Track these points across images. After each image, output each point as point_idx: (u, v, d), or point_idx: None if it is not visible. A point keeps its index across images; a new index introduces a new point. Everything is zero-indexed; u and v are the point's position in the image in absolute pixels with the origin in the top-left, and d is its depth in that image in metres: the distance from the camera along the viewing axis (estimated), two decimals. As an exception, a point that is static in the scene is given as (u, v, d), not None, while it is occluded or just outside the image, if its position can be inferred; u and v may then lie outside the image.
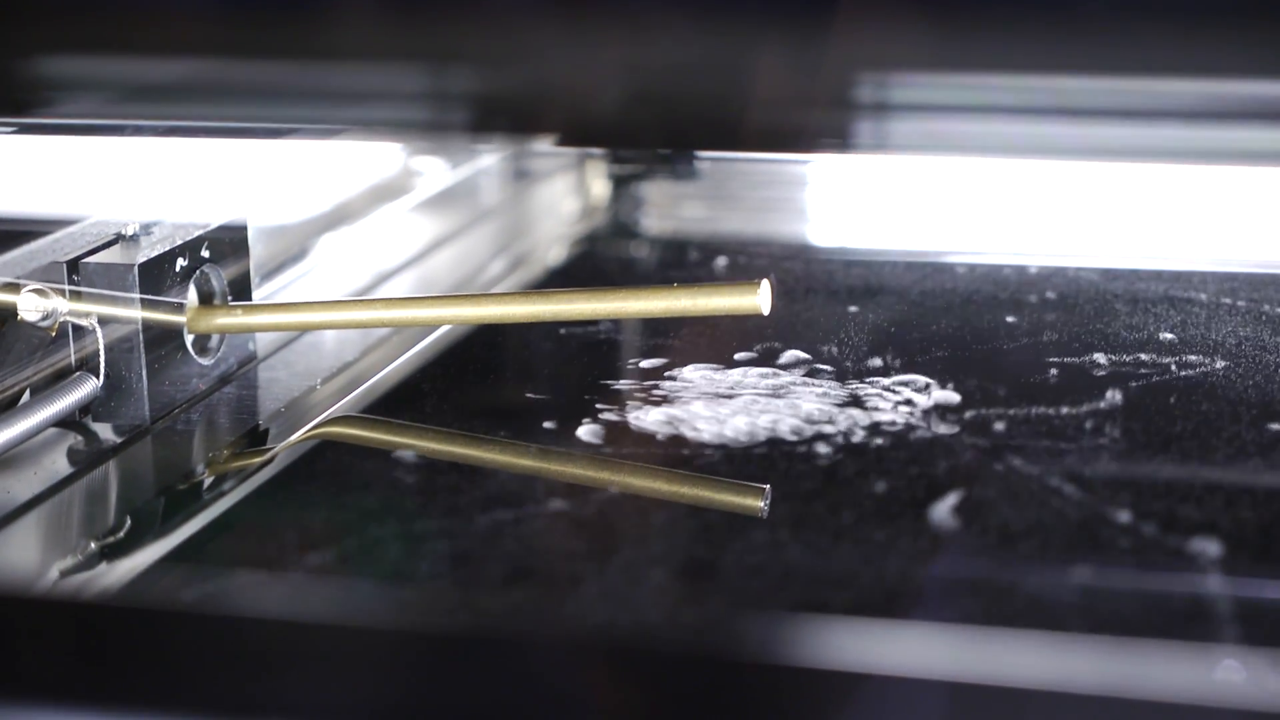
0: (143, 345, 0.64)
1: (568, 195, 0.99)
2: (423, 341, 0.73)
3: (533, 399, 0.68)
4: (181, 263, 0.66)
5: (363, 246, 0.86)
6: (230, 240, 0.69)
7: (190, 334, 0.66)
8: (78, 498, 0.61)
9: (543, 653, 0.49)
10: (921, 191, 0.96)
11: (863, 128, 0.62)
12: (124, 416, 0.64)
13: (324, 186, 0.86)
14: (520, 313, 0.66)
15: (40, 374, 0.64)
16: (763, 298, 0.63)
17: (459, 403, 0.68)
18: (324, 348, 0.72)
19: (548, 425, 0.65)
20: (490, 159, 0.96)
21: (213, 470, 0.63)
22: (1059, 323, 0.75)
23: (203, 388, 0.67)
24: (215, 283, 0.68)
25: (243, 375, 0.69)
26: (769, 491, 0.58)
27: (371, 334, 0.73)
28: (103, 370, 0.64)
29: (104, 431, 0.64)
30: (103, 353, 0.63)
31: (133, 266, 0.63)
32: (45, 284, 0.63)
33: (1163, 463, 0.60)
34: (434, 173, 0.93)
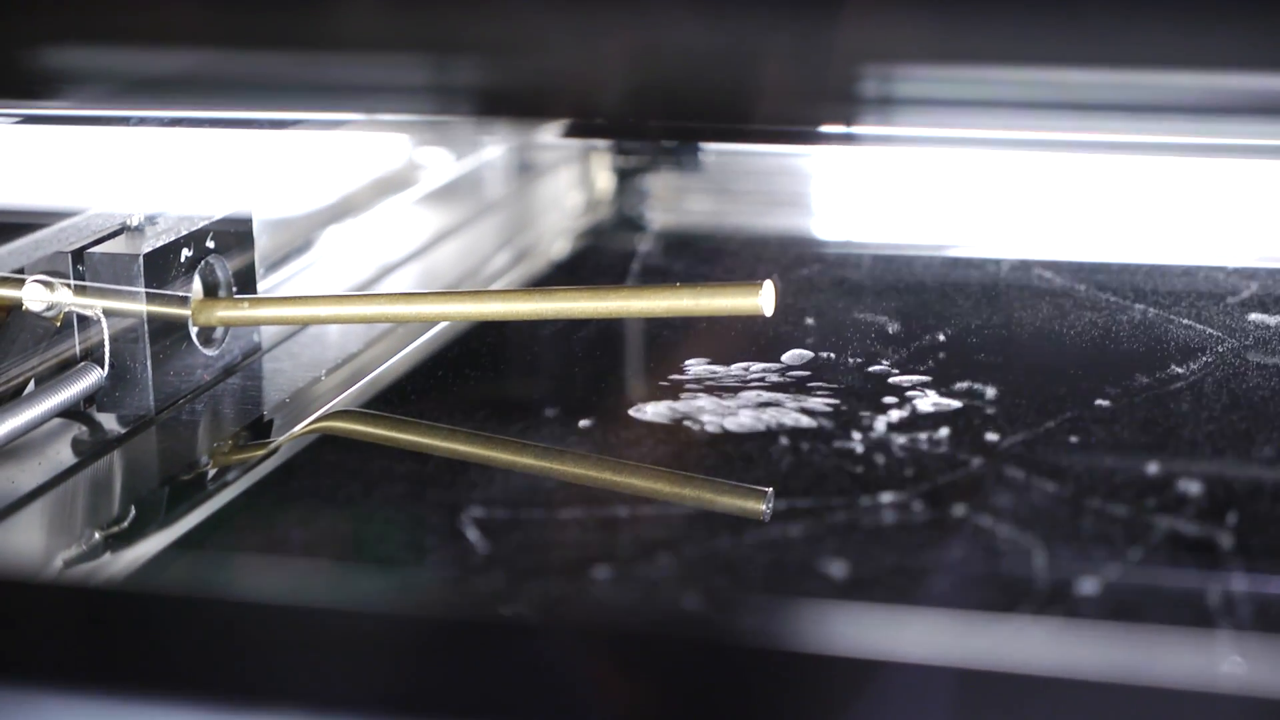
0: (148, 336, 0.64)
1: (572, 188, 0.99)
2: (427, 334, 0.73)
3: (535, 394, 0.69)
4: (186, 253, 0.66)
5: (367, 239, 0.86)
6: (235, 231, 0.69)
7: (195, 326, 0.67)
8: (82, 487, 0.61)
9: (546, 640, 0.49)
10: (926, 184, 0.96)
11: (868, 120, 0.62)
12: (128, 407, 0.64)
13: (328, 178, 0.86)
14: (523, 310, 0.66)
15: (45, 364, 0.64)
16: (765, 299, 0.63)
17: (462, 396, 0.68)
18: (328, 339, 0.72)
19: (550, 420, 0.65)
20: (494, 152, 0.96)
21: (216, 461, 0.63)
22: (1065, 315, 0.75)
23: (207, 378, 0.67)
24: (220, 274, 0.68)
25: (247, 366, 0.69)
26: (771, 495, 0.58)
27: (375, 326, 0.73)
28: (107, 360, 0.64)
29: (108, 422, 0.64)
30: (107, 343, 0.63)
31: (138, 257, 0.63)
32: (50, 274, 0.63)
33: (1186, 457, 0.61)
34: (438, 165, 0.93)
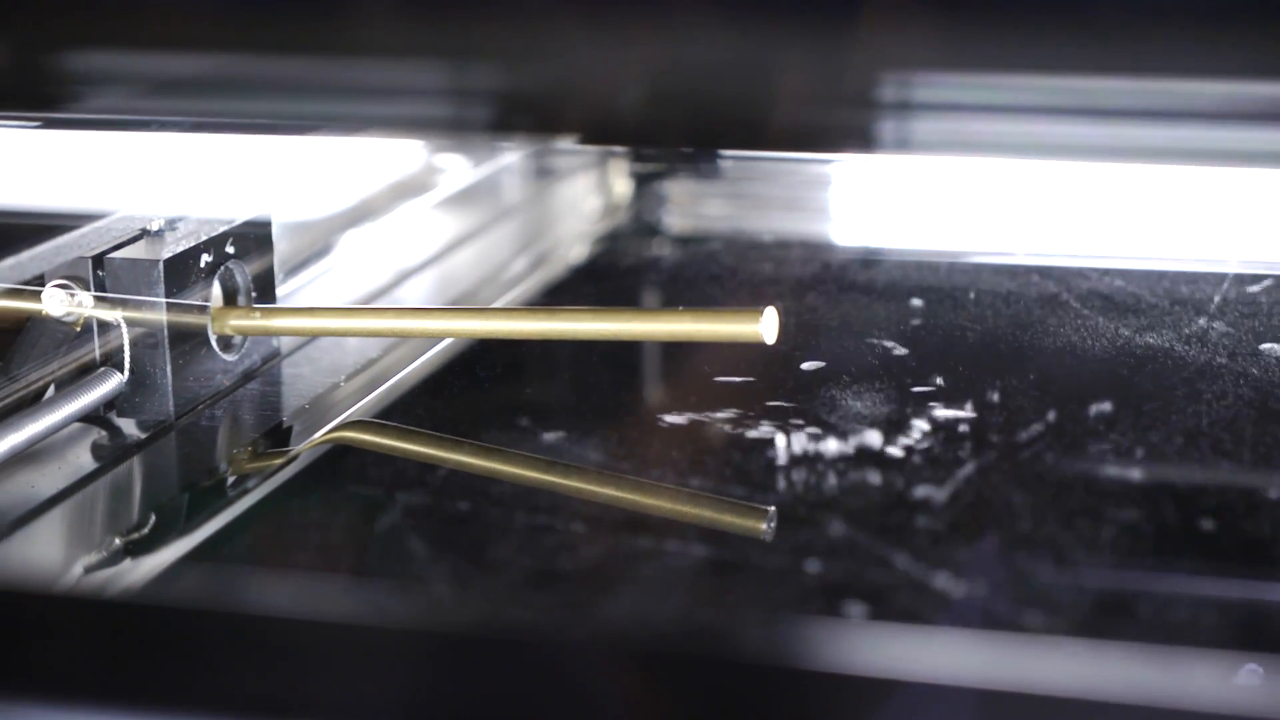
0: (167, 341, 0.64)
1: (590, 193, 0.99)
2: (445, 340, 0.72)
3: (549, 405, 0.68)
4: (206, 258, 0.66)
5: (384, 244, 0.86)
6: (255, 236, 0.69)
7: (214, 334, 0.66)
8: (102, 493, 0.60)
9: (560, 654, 0.48)
10: (944, 192, 0.96)
11: (886, 127, 0.62)
12: (148, 412, 0.64)
13: (347, 183, 0.86)
14: (526, 329, 0.66)
15: (64, 369, 0.63)
16: (766, 326, 0.62)
17: (479, 403, 0.68)
18: (347, 344, 0.72)
19: (560, 433, 0.65)
20: (512, 157, 0.96)
21: (235, 469, 0.63)
22: (1088, 322, 0.74)
23: (227, 384, 0.67)
24: (240, 279, 0.68)
25: (266, 371, 0.69)
26: (773, 513, 0.58)
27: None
28: (127, 365, 0.64)
29: (128, 427, 0.64)
30: (127, 348, 0.63)
31: (158, 262, 0.63)
32: (70, 279, 0.63)
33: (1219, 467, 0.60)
34: (456, 170, 0.93)
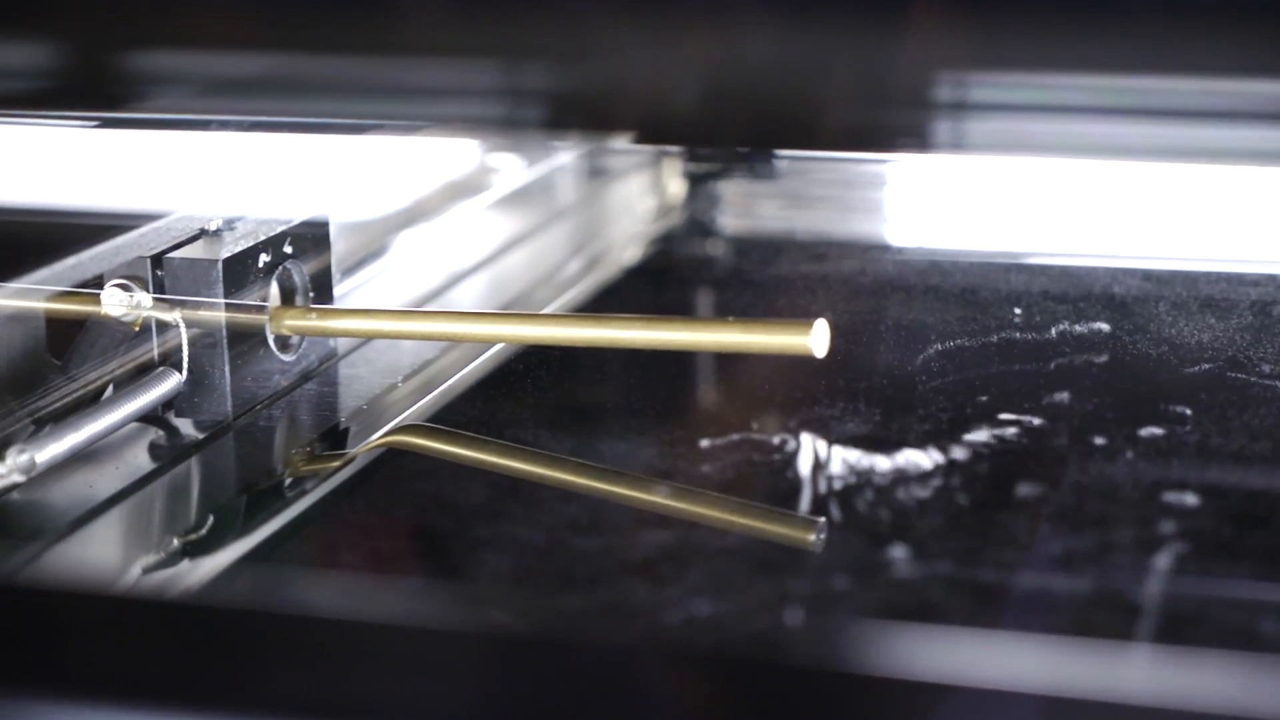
0: (226, 341, 0.64)
1: (644, 194, 0.98)
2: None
3: (602, 410, 0.68)
4: (264, 258, 0.66)
5: (439, 244, 0.86)
6: (312, 236, 0.69)
7: (272, 334, 0.66)
8: (160, 494, 0.60)
9: (610, 658, 0.48)
10: (1000, 192, 0.95)
11: (941, 127, 0.62)
12: (206, 412, 0.64)
13: (402, 183, 0.86)
14: (577, 336, 0.66)
15: (123, 369, 0.64)
16: (816, 339, 0.61)
17: (534, 406, 0.67)
18: (404, 345, 0.72)
19: (613, 439, 0.64)
20: (566, 157, 0.96)
21: (293, 470, 0.63)
22: (1147, 326, 0.74)
23: (284, 384, 0.67)
24: (297, 278, 0.68)
25: (324, 372, 0.69)
26: (823, 525, 0.57)
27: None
28: (185, 365, 0.64)
29: (186, 427, 0.64)
30: (185, 348, 0.63)
31: (217, 262, 0.63)
32: (129, 279, 0.63)
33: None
34: (510, 170, 0.93)
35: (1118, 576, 0.53)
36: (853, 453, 0.61)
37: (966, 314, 0.76)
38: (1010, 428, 0.62)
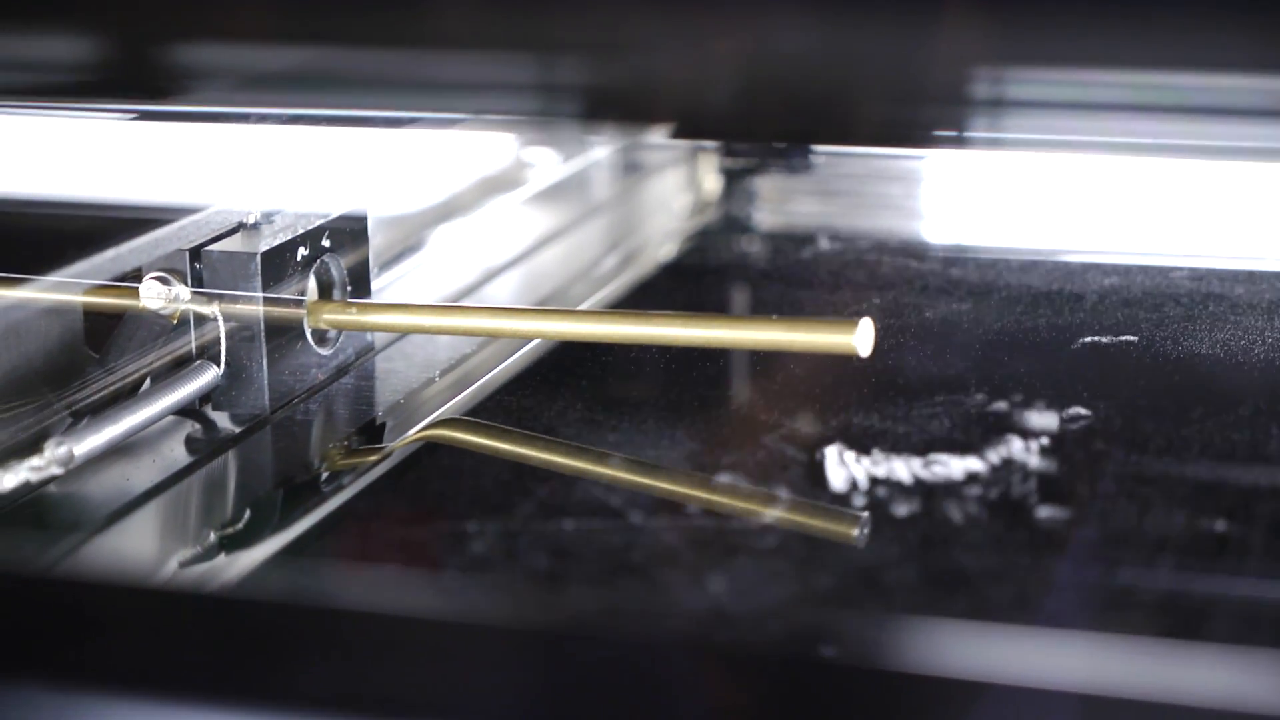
0: (263, 334, 0.64)
1: (680, 190, 0.98)
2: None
3: (639, 406, 0.68)
4: (302, 252, 0.66)
5: (475, 239, 0.86)
6: (350, 230, 0.68)
7: (310, 328, 0.66)
8: (196, 487, 0.60)
9: (648, 653, 0.48)
10: (1037, 188, 0.95)
11: (978, 123, 0.61)
12: (244, 406, 0.64)
13: (438, 177, 0.86)
14: (618, 333, 0.66)
15: (161, 362, 0.63)
16: (860, 338, 0.61)
17: (570, 403, 0.67)
18: (440, 339, 0.72)
19: (652, 436, 0.64)
20: (602, 152, 0.96)
21: (330, 464, 0.63)
22: (1183, 322, 0.73)
23: (321, 378, 0.67)
24: (335, 272, 0.68)
25: (360, 366, 0.69)
26: (867, 519, 0.57)
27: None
28: (223, 358, 0.63)
29: (223, 420, 0.64)
30: (223, 341, 0.63)
31: (255, 255, 0.63)
32: (167, 272, 0.63)
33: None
34: (546, 166, 0.93)
35: (1176, 574, 0.52)
36: (889, 450, 0.60)
37: (1001, 310, 0.76)
38: (1049, 425, 0.62)
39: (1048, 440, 0.60)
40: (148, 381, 0.63)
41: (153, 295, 0.62)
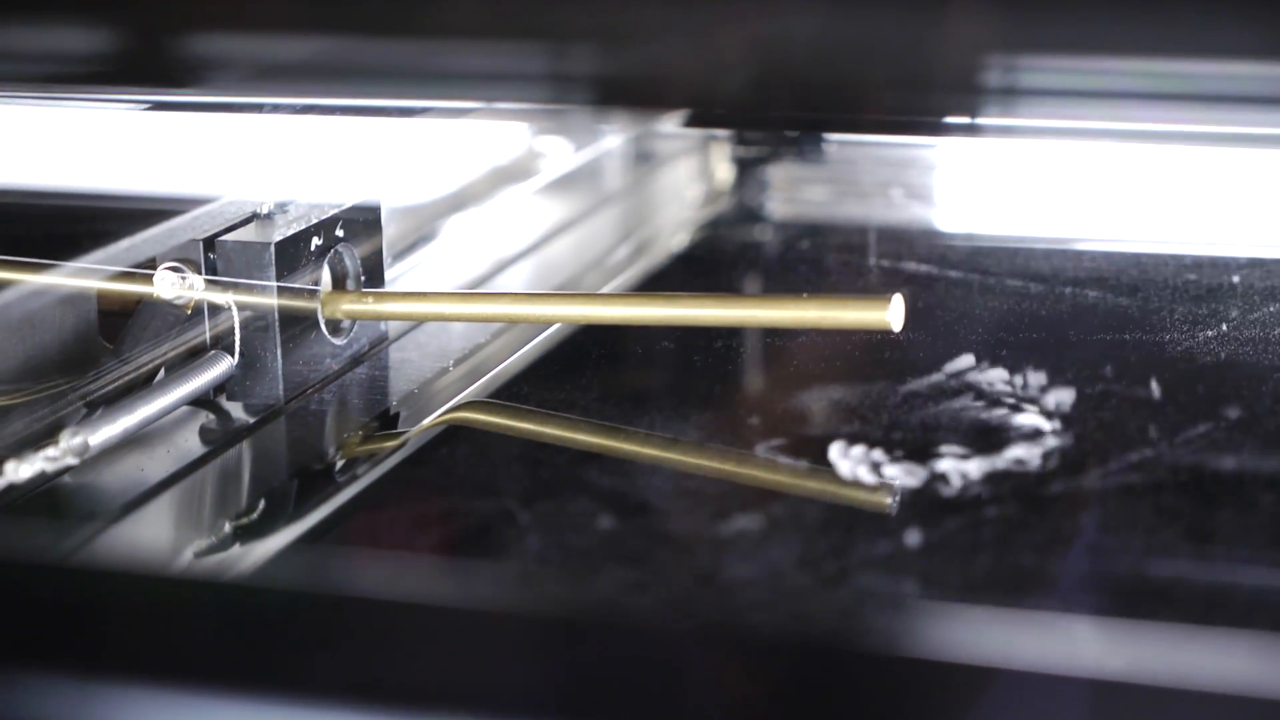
0: (278, 324, 0.64)
1: (692, 179, 0.98)
2: (554, 326, 0.72)
3: (661, 391, 0.68)
4: (316, 242, 0.66)
5: (487, 229, 0.85)
6: (364, 220, 0.68)
7: (324, 318, 0.66)
8: (211, 477, 0.60)
9: (675, 639, 0.48)
10: (1049, 176, 0.95)
11: (990, 111, 0.61)
12: (258, 396, 0.64)
13: (450, 167, 0.86)
14: (645, 315, 0.65)
15: (175, 352, 0.64)
16: (893, 314, 0.61)
17: (591, 387, 0.67)
18: (454, 329, 0.72)
19: (678, 412, 0.64)
20: (614, 142, 0.96)
21: (345, 452, 0.63)
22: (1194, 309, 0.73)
23: (335, 368, 0.67)
24: (349, 262, 0.68)
25: (374, 356, 0.69)
26: (899, 489, 0.57)
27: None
28: (238, 349, 0.64)
29: (237, 410, 0.64)
30: (238, 331, 0.63)
31: (269, 245, 0.63)
32: (181, 262, 0.63)
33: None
34: (557, 155, 0.93)
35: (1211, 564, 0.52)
36: (904, 442, 0.61)
37: (1016, 298, 0.76)
38: (1069, 411, 0.62)
39: (1062, 423, 0.61)
40: (162, 372, 0.63)
41: (167, 285, 0.62)
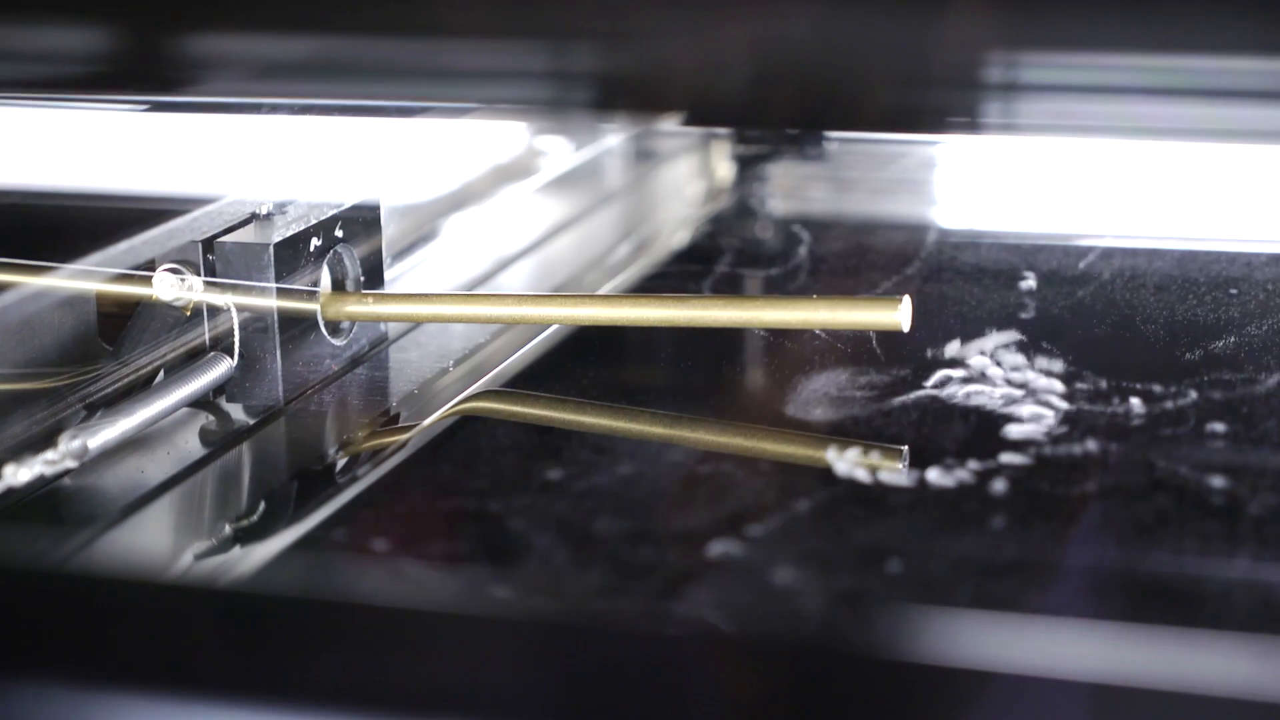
0: (277, 326, 0.63)
1: (692, 177, 0.98)
2: (554, 325, 0.72)
3: (662, 390, 0.68)
4: (315, 242, 0.65)
5: (487, 228, 0.85)
6: (363, 220, 0.68)
7: (323, 319, 0.66)
8: (211, 479, 0.60)
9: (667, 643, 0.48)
10: (1050, 173, 0.95)
11: (991, 108, 0.61)
12: (257, 397, 0.64)
13: (450, 166, 0.86)
14: (651, 316, 0.65)
15: (174, 354, 0.63)
16: (903, 314, 0.62)
17: (593, 385, 0.67)
18: (454, 329, 0.72)
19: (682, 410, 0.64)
20: (614, 140, 0.95)
21: (348, 454, 0.62)
22: (1192, 307, 0.73)
23: (335, 368, 0.67)
24: (348, 263, 0.68)
25: (374, 356, 0.69)
26: (907, 452, 0.58)
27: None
28: (237, 350, 0.63)
29: (237, 412, 0.64)
30: (237, 332, 0.63)
31: (268, 246, 0.63)
32: (180, 264, 0.63)
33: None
34: (558, 154, 0.93)
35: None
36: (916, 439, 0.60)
37: (1015, 295, 0.76)
38: (1076, 409, 0.62)
39: (1067, 422, 0.61)
40: (161, 374, 0.63)
41: (166, 287, 0.62)
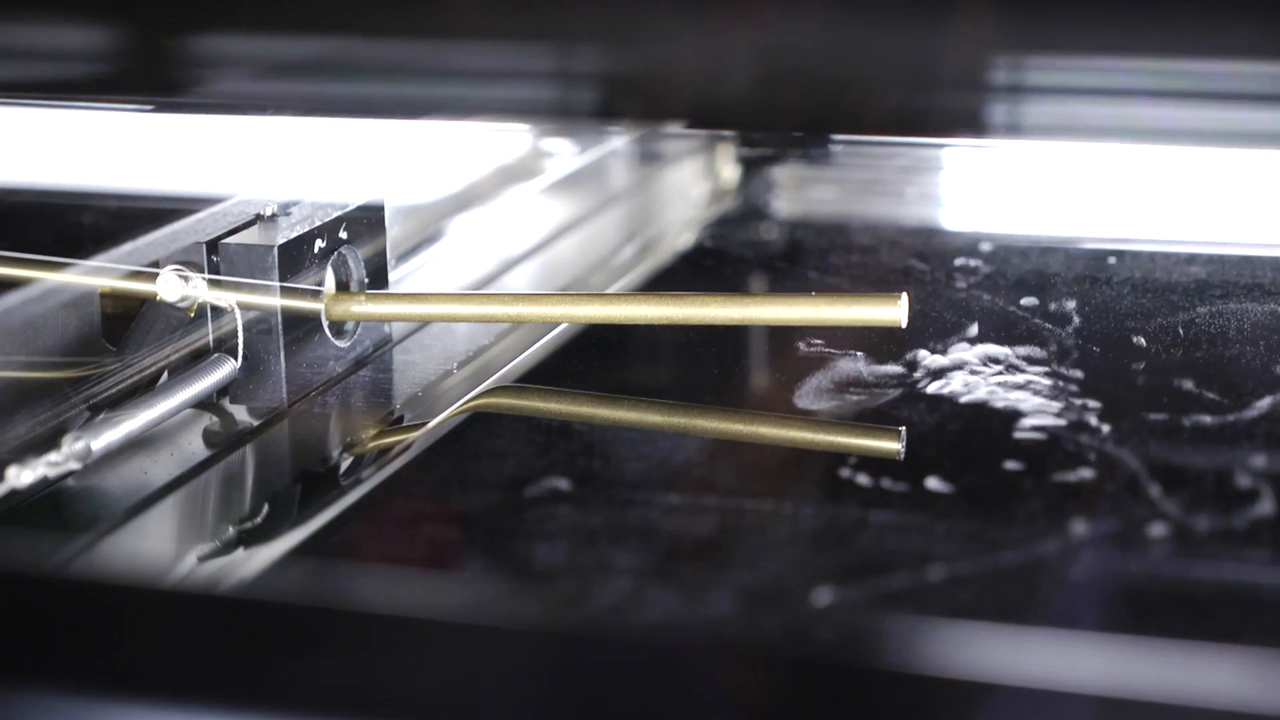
0: (281, 327, 0.63)
1: (697, 179, 0.98)
2: (559, 326, 0.72)
3: (666, 390, 0.68)
4: (320, 244, 0.65)
5: (492, 230, 0.85)
6: (367, 221, 0.68)
7: (327, 320, 0.66)
8: (214, 481, 0.60)
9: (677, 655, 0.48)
10: (1055, 177, 0.94)
11: (997, 111, 0.61)
12: (261, 399, 0.64)
13: (455, 168, 0.86)
14: (652, 314, 0.66)
15: (178, 355, 0.63)
16: (902, 310, 0.64)
17: (599, 385, 0.67)
18: (458, 331, 0.72)
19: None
20: (619, 142, 0.95)
21: (352, 455, 0.62)
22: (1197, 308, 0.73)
23: (339, 370, 0.67)
24: (352, 264, 0.67)
25: (378, 358, 0.69)
26: (904, 433, 0.60)
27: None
28: (241, 351, 0.63)
29: (240, 413, 0.64)
30: (241, 334, 0.63)
31: (272, 248, 0.63)
32: (184, 264, 0.63)
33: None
34: (563, 156, 0.92)
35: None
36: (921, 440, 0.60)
37: (1021, 299, 0.76)
38: (1080, 413, 0.62)
39: (1072, 430, 0.60)
40: (165, 375, 0.63)
41: (170, 288, 0.62)
